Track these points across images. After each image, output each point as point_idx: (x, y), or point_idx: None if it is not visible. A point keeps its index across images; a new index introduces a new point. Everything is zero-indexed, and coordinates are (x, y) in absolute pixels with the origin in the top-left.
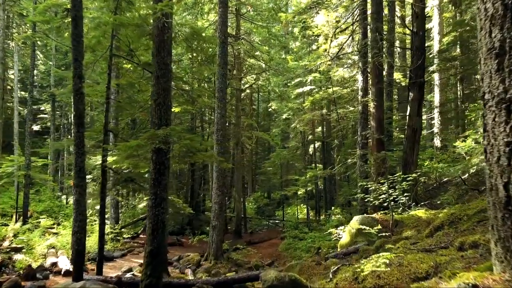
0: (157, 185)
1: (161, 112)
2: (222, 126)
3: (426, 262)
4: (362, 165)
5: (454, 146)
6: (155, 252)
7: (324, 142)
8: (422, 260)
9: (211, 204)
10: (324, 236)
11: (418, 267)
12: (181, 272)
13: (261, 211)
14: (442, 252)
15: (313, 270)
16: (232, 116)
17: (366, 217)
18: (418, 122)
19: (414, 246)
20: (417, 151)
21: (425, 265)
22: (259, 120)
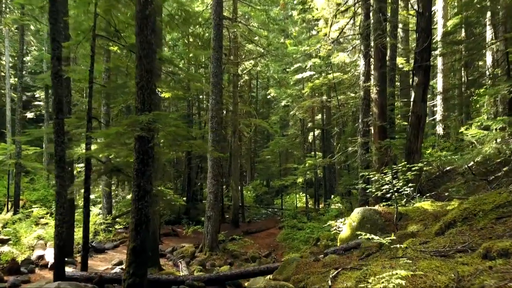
0: (141, 176)
1: (144, 96)
2: (217, 113)
3: (444, 273)
4: (363, 153)
5: (460, 133)
6: (139, 249)
7: (324, 129)
8: (440, 270)
9: (207, 194)
10: (323, 226)
11: (436, 279)
12: (175, 264)
13: (260, 199)
14: (462, 259)
15: (311, 268)
16: (229, 103)
17: (368, 210)
18: (423, 108)
19: (425, 247)
20: (422, 139)
21: (444, 278)
22: (258, 107)
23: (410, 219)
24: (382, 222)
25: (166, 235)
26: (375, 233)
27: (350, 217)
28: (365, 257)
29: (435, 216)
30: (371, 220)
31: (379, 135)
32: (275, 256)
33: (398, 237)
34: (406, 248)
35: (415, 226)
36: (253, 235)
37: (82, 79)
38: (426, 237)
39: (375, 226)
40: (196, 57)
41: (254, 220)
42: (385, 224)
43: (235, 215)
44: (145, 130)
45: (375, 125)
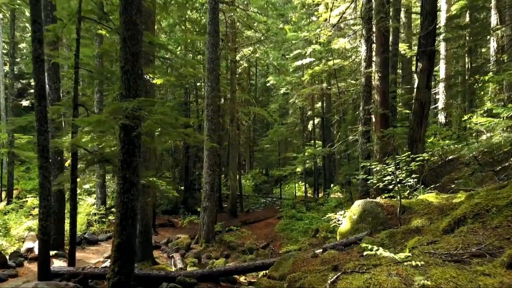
0: (126, 168)
1: (129, 82)
2: (213, 101)
3: (464, 287)
4: (364, 142)
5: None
6: (125, 246)
7: (324, 118)
8: (457, 282)
9: (202, 184)
10: (322, 217)
11: None
12: (169, 256)
13: (259, 188)
14: (482, 268)
15: (308, 266)
16: (227, 91)
17: (369, 202)
18: (427, 95)
19: (434, 248)
20: (425, 128)
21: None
22: (257, 95)
23: (413, 212)
24: (384, 215)
25: (162, 225)
26: (376, 227)
27: (350, 209)
28: (367, 254)
29: (440, 210)
30: (373, 214)
31: (381, 123)
32: (273, 247)
33: (401, 232)
34: (413, 248)
35: (419, 220)
36: (251, 225)
37: (72, 64)
38: (433, 234)
39: (376, 219)
40: (193, 43)
41: (253, 210)
42: (387, 217)
43: (233, 205)
44: (130, 118)
45: (377, 113)
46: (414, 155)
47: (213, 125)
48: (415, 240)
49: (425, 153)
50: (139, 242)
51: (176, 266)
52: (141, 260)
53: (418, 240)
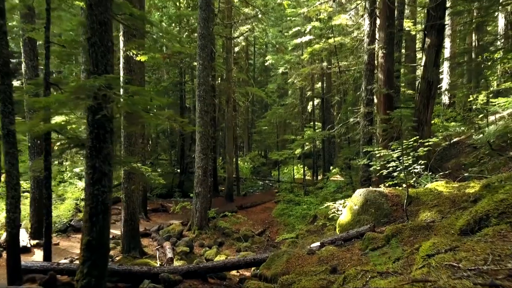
0: (95, 156)
1: (97, 56)
2: (205, 80)
3: None
4: (366, 125)
5: (469, 102)
6: (95, 244)
7: (324, 98)
8: None
9: (195, 169)
10: (321, 201)
11: None
12: (159, 245)
13: (257, 171)
14: None
15: (304, 265)
16: (223, 70)
17: (372, 191)
18: (435, 74)
19: (456, 259)
20: (432, 109)
21: None
22: (255, 75)
23: (421, 203)
24: (389, 206)
25: (154, 210)
26: (380, 219)
27: (351, 199)
28: (370, 251)
29: (452, 201)
30: (376, 204)
31: (385, 104)
32: (269, 234)
33: (410, 228)
34: (428, 257)
35: (428, 213)
36: (247, 210)
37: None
38: (449, 234)
39: (380, 211)
40: (188, 20)
41: (250, 193)
42: (391, 209)
43: (229, 189)
44: (98, 99)
45: (380, 93)
46: (423, 140)
47: (205, 106)
48: (430, 245)
49: (435, 137)
50: (125, 232)
51: (166, 255)
52: (128, 251)
53: (433, 245)
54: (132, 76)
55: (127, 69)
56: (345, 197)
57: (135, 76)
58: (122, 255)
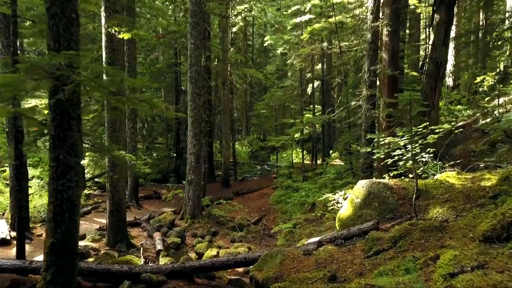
0: (59, 146)
1: (58, 29)
2: (197, 60)
3: None
4: (369, 108)
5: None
6: (61, 248)
7: (324, 80)
8: None
9: (187, 155)
10: (320, 188)
11: None
12: (149, 235)
13: (255, 155)
14: None
15: (299, 269)
16: (219, 51)
17: (376, 183)
18: (444, 53)
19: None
20: (440, 92)
21: None
22: (254, 57)
23: (431, 197)
24: (394, 200)
25: (147, 198)
26: (384, 214)
27: (352, 191)
28: (374, 255)
29: (466, 196)
30: (380, 198)
31: (389, 86)
32: (265, 222)
33: (420, 229)
34: (451, 276)
35: (439, 209)
36: (244, 196)
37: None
38: (468, 240)
39: (384, 205)
40: None
41: (248, 178)
42: (397, 203)
43: (225, 174)
44: (61, 79)
45: (384, 74)
46: (433, 126)
47: (198, 88)
48: (450, 258)
49: (441, 123)
50: (110, 223)
51: (156, 247)
52: (114, 244)
53: (454, 258)
54: (115, 56)
55: (110, 48)
56: (345, 184)
57: (119, 56)
58: (107, 248)
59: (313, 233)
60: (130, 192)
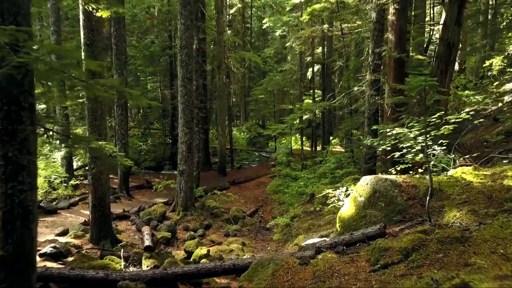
0: (7, 142)
1: (2, 1)
2: (187, 42)
3: None
4: (373, 95)
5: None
6: (12, 261)
7: (324, 64)
8: None
9: (178, 144)
10: (319, 178)
11: None
12: (138, 229)
13: (253, 142)
14: None
15: (294, 284)
16: (215, 33)
17: (382, 180)
18: (457, 34)
19: None
20: (451, 76)
21: None
22: (252, 40)
23: (445, 197)
24: (403, 200)
25: (139, 188)
26: (392, 216)
27: (355, 188)
28: (381, 269)
29: (488, 197)
30: (387, 197)
31: (395, 70)
32: (262, 214)
33: (437, 241)
34: None
35: (457, 213)
36: (240, 186)
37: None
38: (502, 258)
39: (392, 206)
40: None
41: (245, 166)
42: (407, 204)
43: (221, 162)
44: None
45: (391, 57)
46: (449, 117)
47: (189, 72)
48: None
49: (464, 113)
50: (93, 219)
51: (144, 243)
52: (98, 240)
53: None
54: (94, 37)
55: (88, 28)
56: (346, 174)
57: (98, 36)
58: (91, 245)
59: (311, 228)
60: (120, 182)
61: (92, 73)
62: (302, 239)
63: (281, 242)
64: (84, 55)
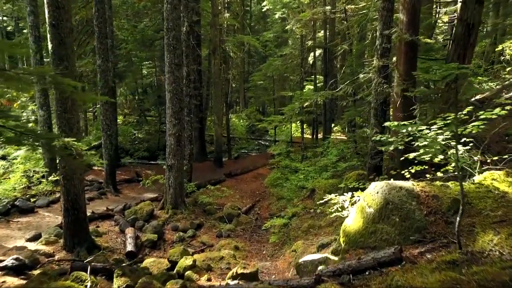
0: None
1: None
2: (174, 24)
3: None
4: (381, 82)
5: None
6: None
7: (327, 48)
8: None
9: (166, 137)
10: (320, 173)
11: None
12: (122, 230)
13: (252, 130)
14: None
15: None
16: (207, 14)
17: (396, 189)
18: (477, 13)
19: None
20: (470, 61)
21: None
22: (252, 23)
23: (475, 213)
24: (422, 216)
25: (128, 181)
26: (408, 235)
27: (363, 196)
28: None
29: None
30: (402, 210)
31: (406, 55)
32: (258, 211)
33: (477, 285)
34: None
35: (494, 237)
36: (237, 178)
37: None
38: None
39: (408, 222)
40: None
41: (244, 155)
42: (427, 220)
43: (217, 153)
44: None
45: (402, 40)
46: (478, 112)
47: (177, 57)
48: None
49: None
50: (66, 224)
51: (126, 248)
52: (72, 248)
53: None
54: (61, 16)
55: (53, 6)
56: (349, 167)
57: (66, 15)
58: (64, 253)
59: (311, 230)
60: (106, 176)
61: (59, 59)
62: (301, 245)
63: (278, 246)
64: (49, 37)
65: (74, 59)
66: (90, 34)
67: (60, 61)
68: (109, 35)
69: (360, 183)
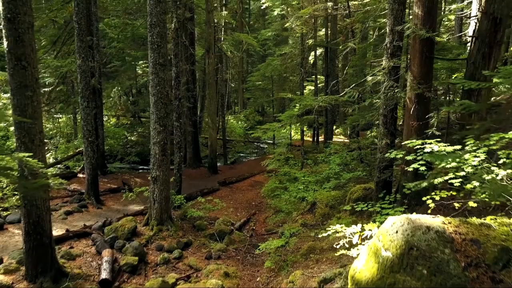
0: None
1: None
2: (159, 19)
3: None
4: (392, 86)
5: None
6: None
7: (328, 47)
8: None
9: (150, 145)
10: (322, 183)
11: None
12: (99, 252)
13: (251, 132)
14: None
15: None
16: (201, 11)
17: (421, 229)
18: (507, 5)
19: None
20: (496, 61)
21: None
22: (251, 22)
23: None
24: (460, 270)
25: (113, 191)
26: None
27: (377, 234)
28: None
29: None
30: (431, 260)
31: (421, 54)
32: (254, 226)
33: None
34: None
35: None
36: (232, 186)
37: None
38: None
39: (441, 276)
40: None
41: (241, 159)
42: (466, 276)
43: (212, 159)
44: None
45: (416, 38)
46: None
47: (161, 57)
48: None
49: None
50: (27, 250)
51: (100, 275)
52: (34, 277)
53: None
54: (19, 9)
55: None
56: (353, 178)
57: (24, 8)
58: (25, 283)
59: (311, 255)
60: (88, 186)
61: (17, 59)
62: (299, 276)
63: (274, 272)
64: (4, 33)
65: (35, 58)
66: (30, 26)
67: (17, 61)
68: (94, 32)
69: (369, 204)
